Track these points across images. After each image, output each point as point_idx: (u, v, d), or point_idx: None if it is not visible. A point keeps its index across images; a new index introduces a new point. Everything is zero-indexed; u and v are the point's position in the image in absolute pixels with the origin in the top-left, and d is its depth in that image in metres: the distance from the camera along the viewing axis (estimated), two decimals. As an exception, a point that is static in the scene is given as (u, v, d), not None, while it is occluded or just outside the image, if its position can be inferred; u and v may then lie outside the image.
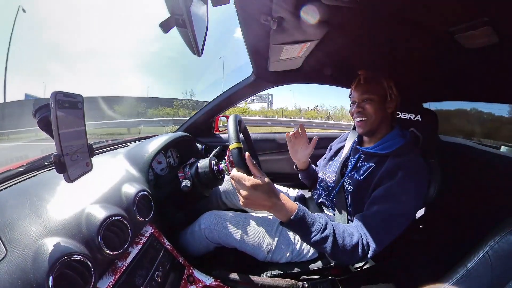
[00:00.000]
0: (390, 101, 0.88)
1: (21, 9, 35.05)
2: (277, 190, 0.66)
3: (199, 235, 0.96)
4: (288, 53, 0.98)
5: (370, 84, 0.87)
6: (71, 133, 0.52)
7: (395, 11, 0.58)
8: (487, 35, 0.53)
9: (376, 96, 0.86)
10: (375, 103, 0.87)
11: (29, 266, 0.42)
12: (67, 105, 0.50)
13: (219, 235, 0.93)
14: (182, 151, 1.39)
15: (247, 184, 0.61)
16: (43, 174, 0.75)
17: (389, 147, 0.85)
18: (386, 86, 0.87)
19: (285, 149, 1.66)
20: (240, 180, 0.63)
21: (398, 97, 0.89)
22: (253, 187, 0.61)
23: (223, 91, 1.52)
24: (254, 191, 0.61)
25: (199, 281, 0.77)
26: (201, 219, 0.99)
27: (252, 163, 0.66)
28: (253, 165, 0.65)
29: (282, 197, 0.66)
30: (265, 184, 0.63)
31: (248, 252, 0.92)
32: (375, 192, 0.78)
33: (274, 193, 0.64)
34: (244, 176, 0.63)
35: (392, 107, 0.89)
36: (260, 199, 0.62)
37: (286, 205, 0.65)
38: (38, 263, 0.42)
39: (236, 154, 0.67)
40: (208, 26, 0.74)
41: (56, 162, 0.47)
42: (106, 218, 0.58)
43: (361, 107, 0.89)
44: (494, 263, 0.45)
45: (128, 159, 0.91)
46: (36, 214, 0.52)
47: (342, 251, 0.67)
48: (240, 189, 0.63)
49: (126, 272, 0.61)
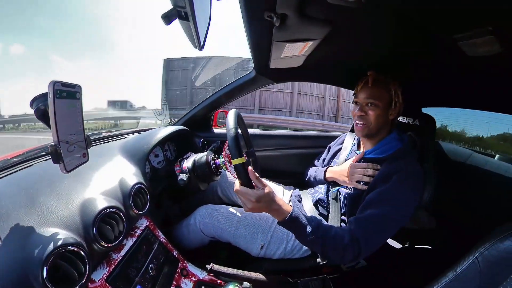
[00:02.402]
0: (394, 108, 0.86)
1: None
2: (275, 195, 0.74)
3: (194, 228, 0.96)
4: (290, 51, 0.97)
5: (377, 88, 0.85)
6: (68, 124, 0.51)
7: (400, 14, 0.57)
8: (490, 44, 0.53)
9: (381, 102, 0.84)
10: (378, 109, 0.85)
11: (23, 256, 0.42)
12: (65, 95, 0.50)
13: (214, 229, 0.93)
14: (179, 144, 1.39)
15: (252, 199, 0.69)
16: (39, 164, 0.75)
17: (386, 151, 0.85)
18: (392, 93, 0.85)
19: (282, 147, 1.67)
20: (245, 195, 0.69)
21: (402, 105, 0.87)
22: (257, 200, 0.69)
23: (223, 86, 1.51)
24: (258, 203, 0.69)
25: (193, 275, 0.78)
26: (197, 212, 1.00)
27: (255, 176, 0.71)
28: (256, 178, 0.71)
29: (279, 201, 0.73)
30: (266, 195, 0.70)
31: (242, 247, 0.93)
32: (369, 196, 0.79)
33: (274, 201, 0.72)
34: (248, 191, 0.69)
35: (394, 114, 0.88)
36: (262, 208, 0.71)
37: (282, 208, 0.73)
38: (32, 254, 0.42)
39: (240, 170, 0.71)
40: (210, 20, 0.73)
41: (52, 152, 0.47)
42: (102, 210, 0.57)
43: (364, 111, 0.87)
44: (483, 269, 0.46)
45: (125, 151, 0.91)
46: (31, 204, 0.52)
47: (333, 252, 0.71)
48: (245, 202, 0.70)
49: (121, 264, 0.61)
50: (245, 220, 0.93)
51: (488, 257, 0.46)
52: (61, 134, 0.48)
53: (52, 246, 0.44)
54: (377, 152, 0.88)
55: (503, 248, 0.45)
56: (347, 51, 0.96)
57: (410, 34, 0.66)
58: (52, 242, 0.44)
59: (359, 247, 0.70)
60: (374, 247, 0.72)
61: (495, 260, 0.45)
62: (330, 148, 1.23)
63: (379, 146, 0.89)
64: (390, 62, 0.95)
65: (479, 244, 0.48)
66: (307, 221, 0.74)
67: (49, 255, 0.42)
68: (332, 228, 0.74)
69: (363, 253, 0.70)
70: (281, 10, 0.67)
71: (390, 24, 0.65)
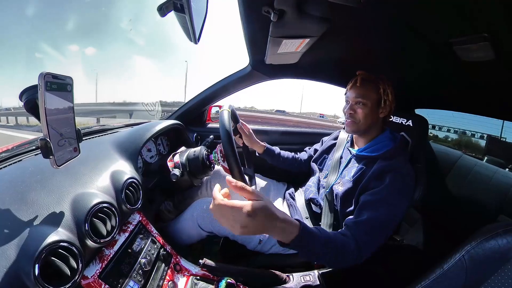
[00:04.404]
0: (384, 106, 0.87)
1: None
2: (276, 208, 0.54)
3: (191, 222, 0.95)
4: (286, 47, 0.96)
5: (366, 87, 0.87)
6: (59, 117, 0.50)
7: (397, 16, 0.58)
8: (484, 50, 0.54)
9: (369, 101, 0.86)
10: (367, 108, 0.87)
11: (14, 254, 0.41)
12: (56, 87, 0.48)
13: (213, 224, 0.92)
14: (172, 139, 1.37)
15: (245, 211, 0.48)
16: (29, 159, 0.73)
17: (379, 150, 0.86)
18: (381, 91, 0.86)
19: (276, 142, 1.68)
20: (231, 208, 0.48)
21: (393, 103, 0.88)
22: (252, 212, 0.48)
23: (218, 80, 1.49)
24: (252, 219, 0.48)
25: (186, 270, 0.78)
26: (194, 206, 0.99)
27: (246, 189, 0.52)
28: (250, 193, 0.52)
29: (281, 216, 0.53)
30: (264, 207, 0.50)
31: (239, 241, 0.93)
32: (365, 197, 0.79)
33: (275, 215, 0.52)
34: (235, 204, 0.49)
35: (385, 112, 0.89)
36: (259, 226, 0.50)
37: (287, 227, 0.54)
38: (24, 251, 0.41)
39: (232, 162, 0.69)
40: (207, 13, 0.71)
41: (42, 147, 0.46)
42: (94, 206, 0.56)
43: (353, 109, 0.89)
44: (469, 267, 0.48)
45: (117, 145, 0.89)
46: (21, 200, 0.50)
47: (338, 261, 0.67)
48: (234, 218, 0.48)
49: (113, 260, 0.61)
50: None
51: (474, 256, 0.48)
52: (51, 128, 0.47)
53: (44, 243, 0.43)
54: (370, 150, 0.89)
55: (489, 247, 0.46)
56: (344, 50, 0.96)
57: (406, 36, 0.66)
58: (43, 239, 0.43)
59: (361, 252, 0.70)
60: (374, 249, 0.72)
61: (481, 258, 0.47)
62: (324, 141, 1.24)
63: (372, 144, 0.90)
64: (385, 62, 0.95)
65: (465, 242, 0.50)
66: (314, 240, 0.59)
67: (41, 252, 0.42)
68: (337, 237, 0.68)
69: (364, 257, 0.70)
70: (279, 6, 0.66)
71: (387, 25, 0.65)
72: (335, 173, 0.98)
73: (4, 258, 0.40)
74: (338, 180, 0.93)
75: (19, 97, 0.48)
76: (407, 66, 0.91)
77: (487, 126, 1.73)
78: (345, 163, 0.96)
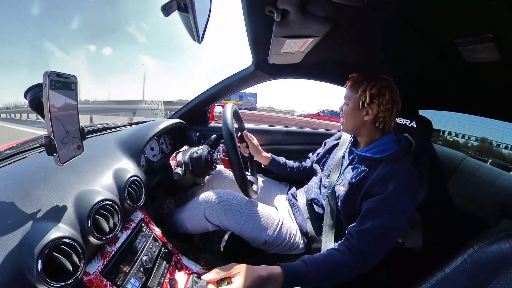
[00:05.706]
0: (363, 109, 0.85)
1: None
2: (254, 267, 0.61)
3: (198, 212, 0.94)
4: (289, 47, 0.96)
5: (351, 89, 0.89)
6: (63, 115, 0.50)
7: (401, 16, 0.57)
8: (489, 51, 0.53)
9: (351, 102, 0.89)
10: (349, 109, 0.90)
11: (18, 250, 0.42)
12: (60, 85, 0.49)
13: (220, 219, 0.91)
14: (175, 138, 1.38)
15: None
16: (33, 156, 0.74)
17: (382, 152, 0.84)
18: (360, 93, 0.84)
19: (278, 142, 1.68)
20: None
21: (376, 107, 0.83)
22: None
23: (222, 80, 1.49)
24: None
25: (187, 268, 0.79)
26: (202, 197, 0.97)
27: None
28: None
29: (263, 271, 0.60)
30: (248, 273, 0.58)
31: (245, 238, 0.93)
32: (368, 204, 0.77)
33: (258, 273, 0.59)
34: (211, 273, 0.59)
35: (371, 115, 0.85)
36: None
37: (272, 276, 0.60)
38: (27, 247, 0.42)
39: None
40: (210, 13, 0.71)
41: (46, 144, 0.47)
42: (97, 203, 0.57)
43: (341, 109, 0.94)
44: (471, 271, 0.47)
45: (121, 143, 0.90)
46: (25, 197, 0.51)
47: (346, 277, 0.70)
48: None
49: (115, 257, 0.61)
50: (255, 214, 0.93)
51: (476, 259, 0.47)
52: (55, 126, 0.47)
53: (47, 239, 0.43)
54: (374, 151, 0.87)
55: (491, 251, 0.46)
56: (347, 50, 0.95)
57: (411, 36, 0.66)
58: (47, 235, 0.44)
59: (365, 261, 0.69)
60: (379, 258, 0.72)
61: (483, 262, 0.46)
62: (326, 143, 1.23)
63: (376, 145, 0.89)
64: (389, 62, 0.95)
65: (468, 245, 0.50)
66: (302, 272, 0.64)
67: (44, 247, 0.42)
68: (331, 259, 0.69)
69: (370, 265, 0.70)
70: (282, 6, 0.66)
71: (391, 25, 0.64)
72: (337, 172, 0.98)
73: (7, 254, 0.41)
74: (340, 180, 0.93)
75: (24, 95, 0.49)
76: (411, 66, 0.90)
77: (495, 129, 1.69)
78: (347, 162, 0.95)
